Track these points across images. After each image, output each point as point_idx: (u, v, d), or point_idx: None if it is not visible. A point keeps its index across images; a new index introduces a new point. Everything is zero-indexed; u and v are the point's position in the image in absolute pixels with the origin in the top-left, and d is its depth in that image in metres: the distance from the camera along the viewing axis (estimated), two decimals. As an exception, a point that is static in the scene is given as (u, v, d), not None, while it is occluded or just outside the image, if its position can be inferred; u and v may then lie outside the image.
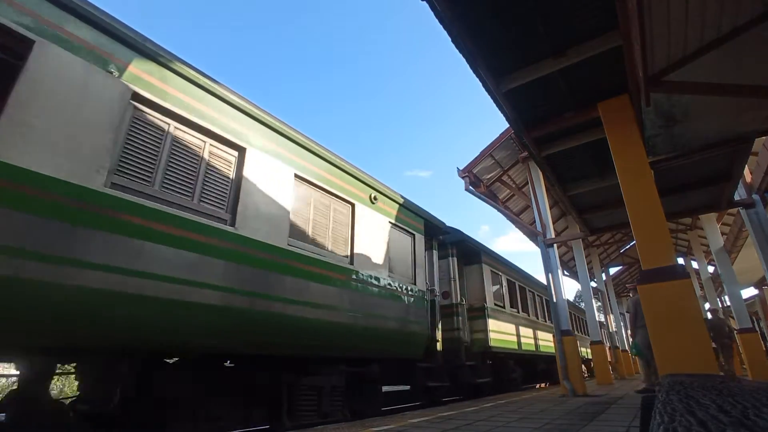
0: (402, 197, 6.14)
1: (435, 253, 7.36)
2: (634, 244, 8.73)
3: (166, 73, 3.42)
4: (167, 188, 3.31)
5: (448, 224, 8.95)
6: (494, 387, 9.05)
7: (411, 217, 6.40)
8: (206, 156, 3.70)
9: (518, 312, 10.92)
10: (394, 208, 6.02)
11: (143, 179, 3.17)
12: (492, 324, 8.71)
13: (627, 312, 6.97)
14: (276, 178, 4.20)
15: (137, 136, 3.20)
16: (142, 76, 3.23)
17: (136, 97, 3.19)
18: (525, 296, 11.80)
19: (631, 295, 7.25)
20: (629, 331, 6.88)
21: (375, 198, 5.60)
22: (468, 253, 9.13)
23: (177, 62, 3.48)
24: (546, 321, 13.18)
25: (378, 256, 5.41)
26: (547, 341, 12.53)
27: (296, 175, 4.52)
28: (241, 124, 4.01)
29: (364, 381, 5.30)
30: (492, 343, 8.47)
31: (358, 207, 5.31)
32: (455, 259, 8.39)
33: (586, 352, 17.39)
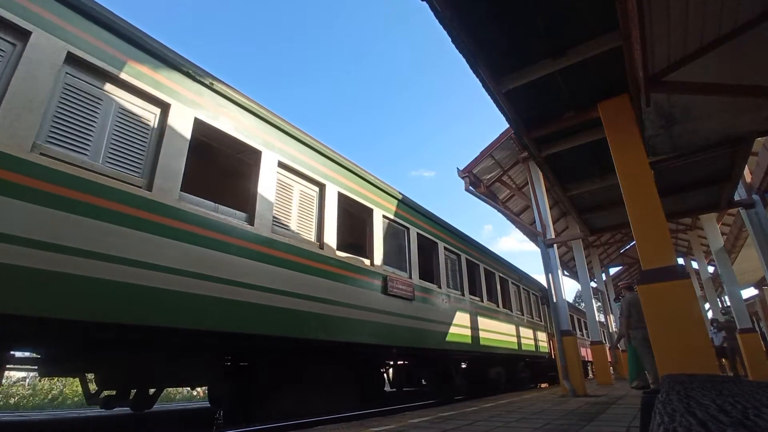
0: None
1: None
2: (634, 244, 8.72)
3: None
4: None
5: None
6: None
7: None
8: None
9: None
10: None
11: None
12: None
13: (620, 315, 6.82)
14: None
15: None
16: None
17: None
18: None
19: (624, 294, 7.09)
20: (621, 330, 6.74)
21: None
22: None
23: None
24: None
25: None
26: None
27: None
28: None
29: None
30: None
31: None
32: None
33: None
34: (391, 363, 7.94)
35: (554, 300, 7.59)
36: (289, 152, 4.74)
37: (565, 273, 16.08)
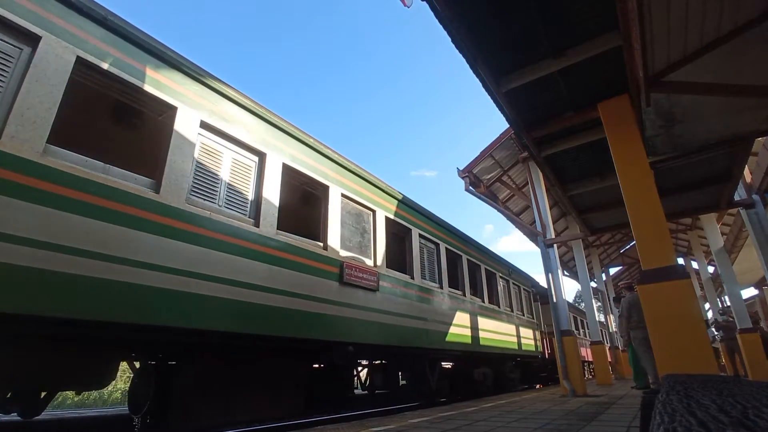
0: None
1: None
2: (634, 244, 8.71)
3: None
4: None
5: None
6: None
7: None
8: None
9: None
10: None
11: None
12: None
13: (620, 315, 6.84)
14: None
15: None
16: None
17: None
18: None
19: (624, 294, 7.11)
20: (620, 332, 6.80)
21: None
22: None
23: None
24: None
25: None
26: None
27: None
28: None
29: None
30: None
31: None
32: None
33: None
34: (366, 363, 7.31)
35: (554, 300, 7.59)
36: (216, 111, 4.00)
37: (565, 273, 16.08)
